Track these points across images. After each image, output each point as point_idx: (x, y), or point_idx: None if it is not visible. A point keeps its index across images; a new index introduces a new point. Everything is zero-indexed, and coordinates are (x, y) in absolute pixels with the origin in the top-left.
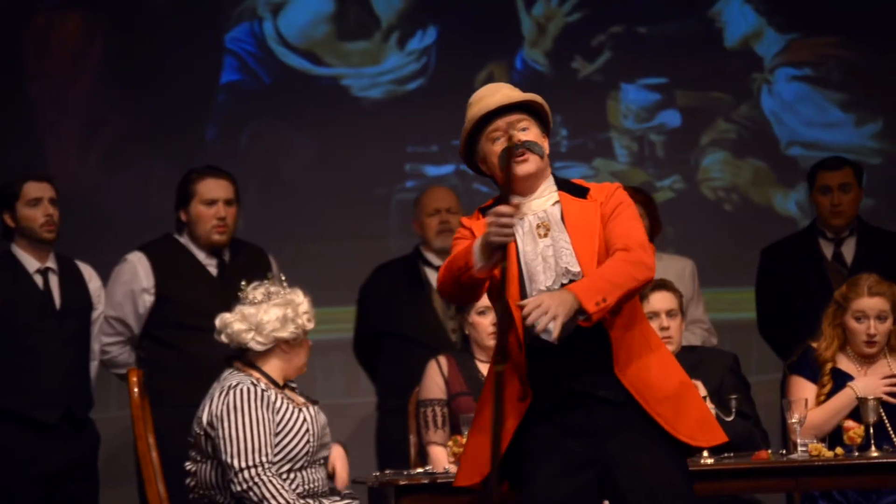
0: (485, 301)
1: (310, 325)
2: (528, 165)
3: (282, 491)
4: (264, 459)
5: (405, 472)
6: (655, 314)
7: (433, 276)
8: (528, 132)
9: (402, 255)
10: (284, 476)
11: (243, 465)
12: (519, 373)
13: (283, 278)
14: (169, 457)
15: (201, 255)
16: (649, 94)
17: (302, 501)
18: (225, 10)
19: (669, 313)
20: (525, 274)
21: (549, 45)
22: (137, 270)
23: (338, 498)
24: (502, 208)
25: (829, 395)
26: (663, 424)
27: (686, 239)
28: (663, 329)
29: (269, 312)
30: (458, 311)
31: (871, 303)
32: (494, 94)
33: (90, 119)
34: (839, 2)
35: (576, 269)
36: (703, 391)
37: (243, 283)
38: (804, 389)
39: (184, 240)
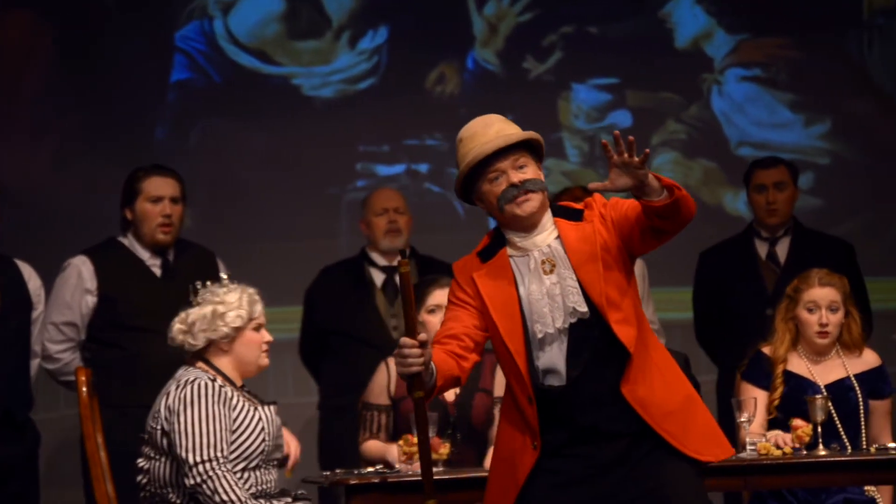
0: (435, 299)
1: (236, 324)
2: (532, 203)
3: (234, 487)
4: (219, 454)
5: (356, 472)
6: None
7: (378, 276)
8: (527, 169)
9: (351, 255)
10: (238, 474)
11: (198, 459)
12: (528, 423)
13: (225, 278)
14: (113, 457)
15: (145, 256)
16: (600, 94)
17: (253, 501)
18: (175, 8)
19: None
20: (527, 315)
21: (500, 45)
22: (82, 272)
23: (289, 499)
24: (403, 341)
25: (782, 397)
26: (671, 441)
27: None
28: None
29: (200, 312)
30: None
31: (822, 293)
32: (488, 130)
33: (39, 118)
34: (788, 3)
35: (583, 308)
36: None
37: (198, 284)
38: (755, 395)
39: (127, 241)
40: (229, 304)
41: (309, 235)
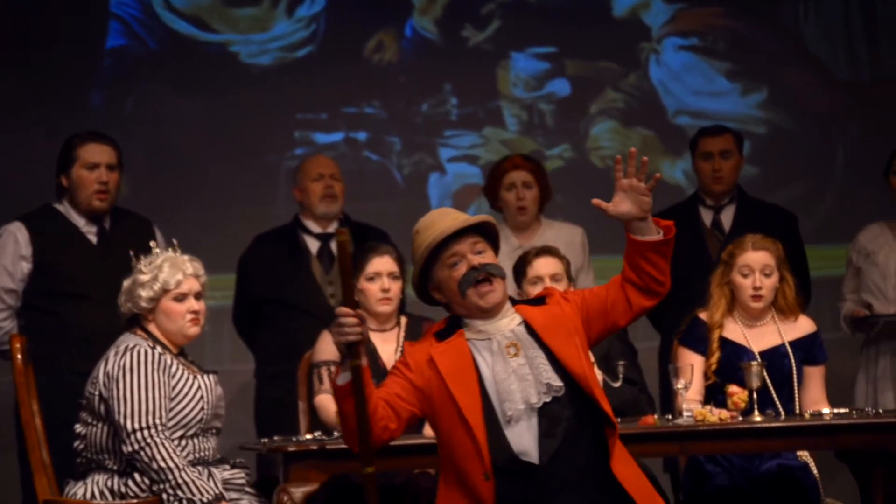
0: (374, 266)
1: (150, 294)
2: (496, 295)
3: (172, 455)
4: (157, 422)
5: (294, 439)
6: (539, 279)
7: (312, 244)
8: (485, 255)
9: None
10: (176, 442)
11: (136, 426)
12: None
13: (154, 246)
14: (49, 424)
15: (81, 223)
16: (539, 62)
17: (192, 467)
18: None
19: (553, 277)
20: (493, 396)
21: (438, 14)
22: (17, 238)
23: (227, 466)
24: (341, 310)
25: (719, 363)
26: None
27: (576, 207)
28: None
29: (126, 282)
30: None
31: (755, 257)
32: (444, 218)
33: None
34: None
35: (558, 383)
36: (591, 357)
37: (131, 252)
38: (691, 360)
39: (63, 207)
40: (146, 274)
41: (247, 203)
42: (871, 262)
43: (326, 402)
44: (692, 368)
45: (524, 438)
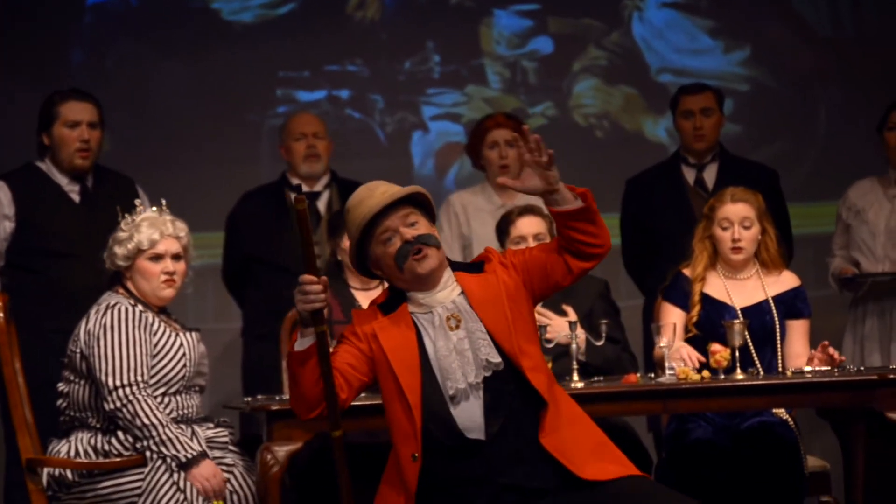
0: None
1: (124, 253)
2: (431, 261)
3: (155, 411)
4: (139, 379)
5: (277, 398)
6: (522, 238)
7: None
8: (418, 225)
9: (271, 181)
10: (158, 399)
11: (117, 383)
12: (406, 486)
13: (138, 204)
14: (31, 383)
15: (63, 181)
16: (522, 20)
17: (174, 424)
18: None
19: (537, 237)
20: (437, 372)
21: None
22: (0, 198)
23: (211, 424)
24: (304, 277)
25: (699, 317)
26: (599, 478)
27: (558, 165)
28: None
29: (111, 238)
30: (330, 237)
31: (734, 209)
32: (373, 193)
33: None
34: None
35: (496, 359)
36: (573, 316)
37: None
38: (673, 315)
39: (45, 166)
40: (124, 232)
41: (229, 161)
42: (861, 220)
43: None
44: (674, 326)
45: (470, 414)
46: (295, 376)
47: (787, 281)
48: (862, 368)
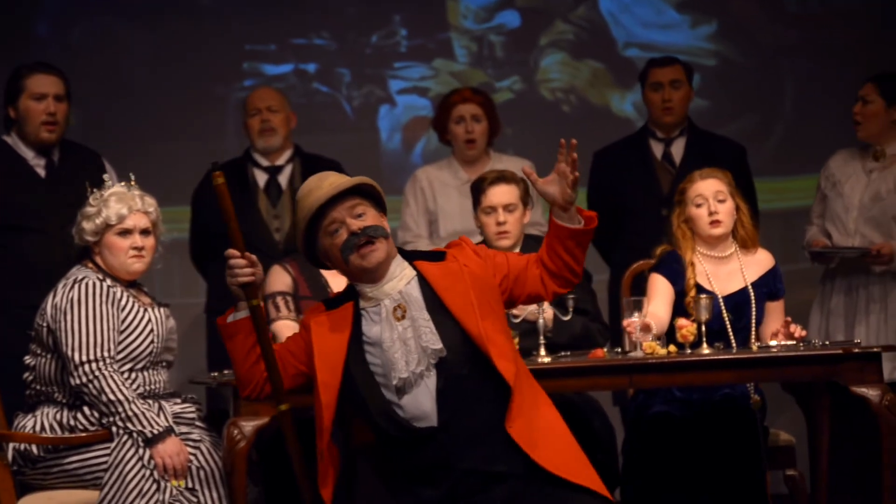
0: None
1: (92, 227)
2: (378, 254)
3: (121, 387)
4: (105, 354)
5: None
6: (492, 209)
7: (261, 177)
8: (366, 217)
9: (236, 155)
10: (125, 375)
11: (84, 358)
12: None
13: (107, 179)
14: None
15: (29, 155)
16: None
17: (141, 400)
18: None
19: (507, 208)
20: (381, 366)
21: None
22: None
23: (178, 399)
24: (229, 252)
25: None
26: (568, 477)
27: (525, 140)
28: (499, 224)
29: (80, 213)
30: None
31: (705, 184)
32: (321, 184)
33: None
34: None
35: (437, 345)
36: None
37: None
38: (664, 289)
39: (11, 140)
40: (92, 207)
41: (196, 135)
42: (837, 192)
43: (284, 330)
44: (644, 301)
45: (419, 403)
46: (228, 352)
47: (763, 262)
48: (827, 343)
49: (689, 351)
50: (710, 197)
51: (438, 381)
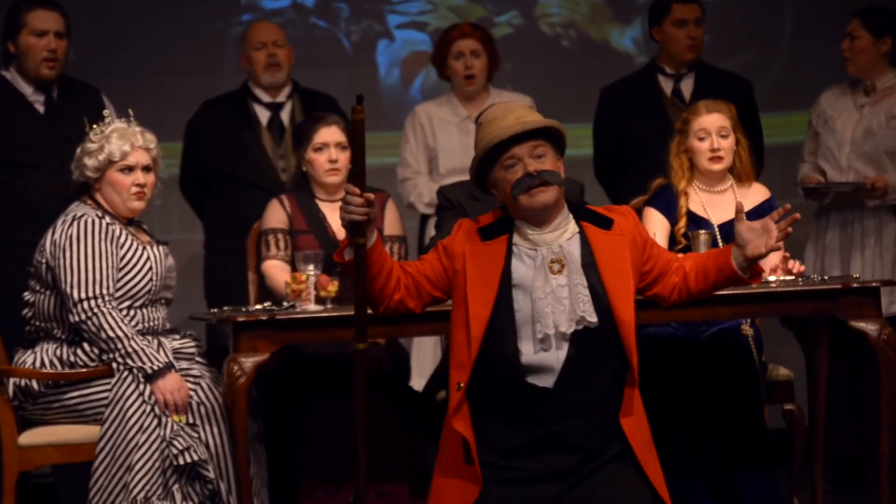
0: (322, 137)
1: (94, 164)
2: (547, 195)
3: (120, 323)
4: (104, 291)
5: (244, 309)
6: None
7: (262, 114)
8: (545, 160)
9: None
10: (124, 312)
11: (82, 295)
12: (458, 417)
13: (107, 115)
14: None
15: (28, 91)
16: None
17: (140, 336)
18: None
19: None
20: (527, 311)
21: None
22: None
23: (177, 336)
24: (348, 187)
25: (685, 235)
26: (648, 474)
27: (524, 75)
28: None
29: (79, 149)
30: (295, 148)
31: (710, 119)
32: (508, 115)
33: None
34: None
35: (593, 319)
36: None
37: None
38: (659, 222)
39: (10, 75)
40: (94, 143)
41: (193, 70)
42: (829, 128)
43: (273, 269)
44: (654, 235)
45: (548, 360)
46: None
47: (758, 194)
48: (826, 278)
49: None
50: (714, 132)
51: (570, 347)
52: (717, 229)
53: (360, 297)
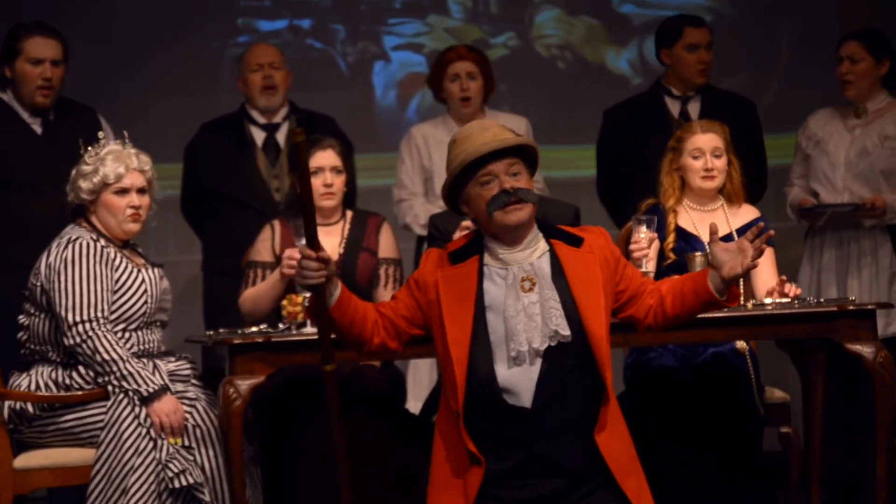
0: (317, 161)
1: (89, 186)
2: (522, 213)
3: (115, 346)
4: (99, 315)
5: (240, 332)
6: None
7: (258, 135)
8: (520, 178)
9: (230, 112)
10: (119, 335)
11: (77, 319)
12: (462, 440)
13: (101, 136)
14: None
15: (25, 114)
16: None
17: (136, 359)
18: None
19: None
20: (500, 331)
21: None
22: None
23: (172, 358)
24: (303, 250)
25: (674, 250)
26: (628, 495)
27: (520, 97)
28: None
29: (74, 170)
30: (291, 169)
31: (705, 138)
32: (484, 132)
33: None
34: None
35: (566, 332)
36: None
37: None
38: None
39: (7, 96)
40: (89, 165)
41: (190, 92)
42: (821, 150)
43: (248, 296)
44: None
45: (523, 379)
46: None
47: (748, 213)
48: (822, 300)
49: None
50: (708, 152)
51: (544, 364)
52: (707, 245)
53: (323, 321)
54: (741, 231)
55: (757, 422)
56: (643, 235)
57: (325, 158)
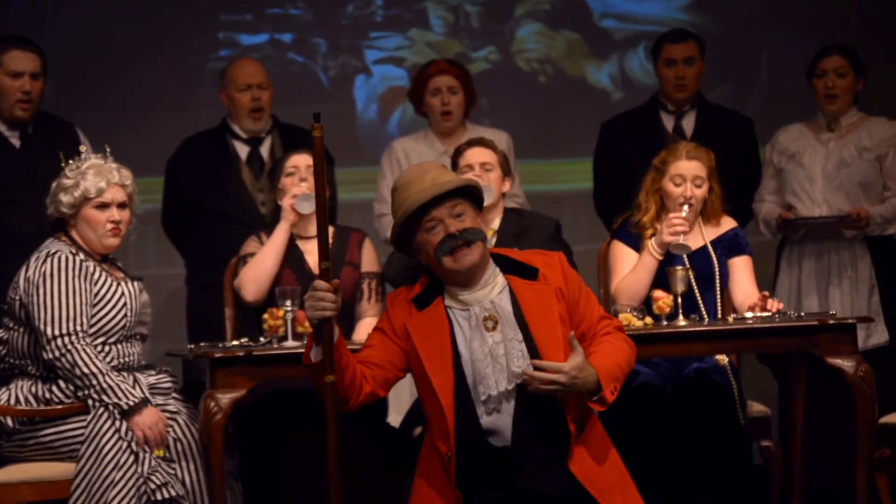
0: (292, 162)
1: (69, 200)
2: (472, 257)
3: (94, 360)
4: (78, 328)
5: (221, 345)
6: (470, 167)
7: (242, 149)
8: (464, 217)
9: (212, 126)
10: (98, 348)
11: (56, 332)
12: (449, 481)
13: (84, 150)
14: None
15: (2, 128)
16: None
17: (115, 372)
18: None
19: (484, 166)
20: (468, 374)
21: None
22: None
23: (152, 371)
24: (318, 283)
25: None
26: None
27: (501, 111)
28: (477, 178)
29: (54, 184)
30: (271, 181)
31: (688, 166)
32: (423, 178)
33: None
34: None
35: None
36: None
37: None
38: (625, 255)
39: None
40: (69, 179)
41: (171, 105)
42: (796, 163)
43: (247, 273)
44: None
45: (498, 420)
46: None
47: (724, 224)
48: (802, 314)
49: (665, 323)
50: (689, 180)
51: (517, 401)
52: (685, 258)
53: (328, 335)
54: (717, 241)
55: (743, 436)
56: (683, 214)
57: (301, 159)
